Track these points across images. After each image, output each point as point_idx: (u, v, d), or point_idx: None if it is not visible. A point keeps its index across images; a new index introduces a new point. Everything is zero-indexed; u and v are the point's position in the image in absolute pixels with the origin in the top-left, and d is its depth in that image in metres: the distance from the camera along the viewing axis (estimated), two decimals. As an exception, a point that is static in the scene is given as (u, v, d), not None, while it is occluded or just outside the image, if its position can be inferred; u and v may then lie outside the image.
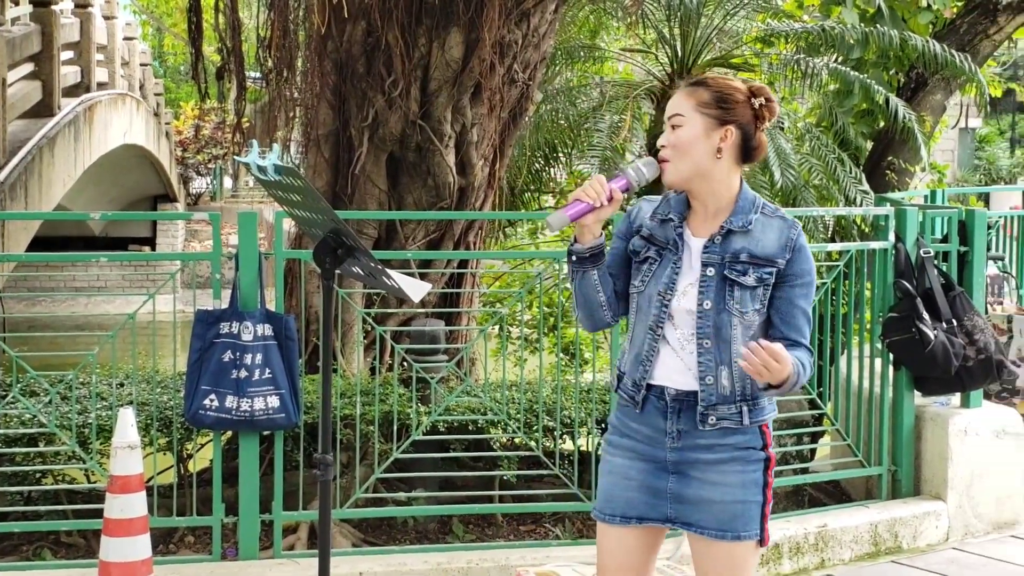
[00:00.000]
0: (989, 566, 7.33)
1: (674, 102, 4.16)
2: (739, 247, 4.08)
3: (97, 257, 7.52)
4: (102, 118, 20.76)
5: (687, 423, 4.10)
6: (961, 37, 12.95)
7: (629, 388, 4.17)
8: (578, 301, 4.14)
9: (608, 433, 4.29)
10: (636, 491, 4.15)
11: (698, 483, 4.10)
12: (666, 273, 4.09)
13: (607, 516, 4.20)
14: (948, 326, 7.66)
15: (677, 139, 4.10)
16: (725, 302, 4.05)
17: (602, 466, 4.27)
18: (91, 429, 6.68)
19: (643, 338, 4.12)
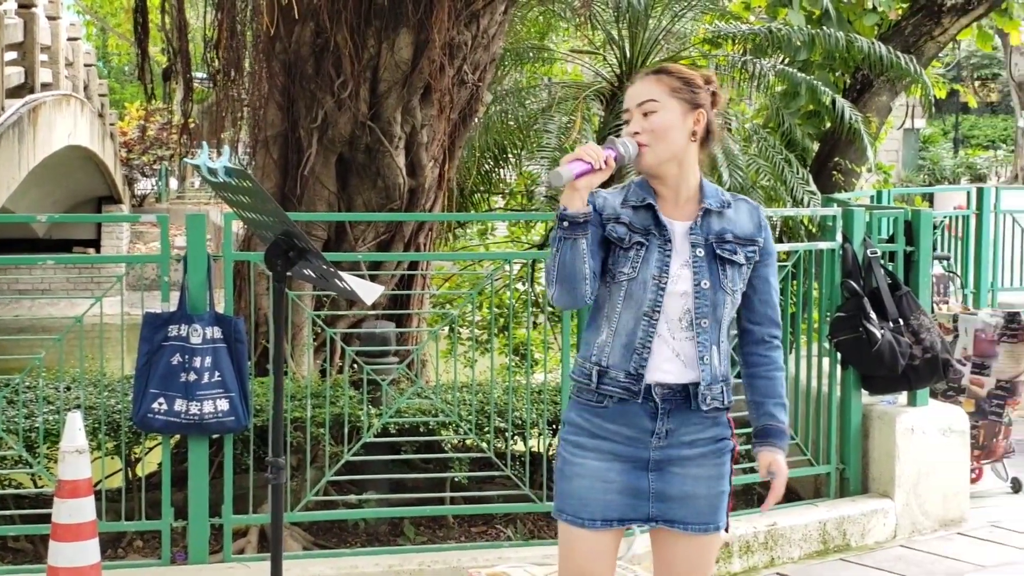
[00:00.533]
0: (936, 563, 7.40)
1: (642, 88, 4.15)
2: (721, 228, 4.14)
3: (44, 260, 7.41)
4: (46, 119, 20.62)
5: (675, 421, 4.09)
6: (906, 39, 13.05)
7: (622, 380, 4.07)
8: (560, 274, 3.96)
9: (571, 434, 4.17)
10: (616, 493, 4.10)
11: (680, 479, 4.11)
12: (656, 258, 4.07)
13: (585, 520, 4.11)
14: (895, 325, 7.72)
15: (654, 124, 4.11)
16: (720, 281, 4.10)
17: (568, 469, 4.15)
18: (38, 433, 6.62)
19: (635, 326, 4.06)
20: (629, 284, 4.06)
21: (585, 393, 4.15)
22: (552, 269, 3.98)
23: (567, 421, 4.22)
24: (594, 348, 4.13)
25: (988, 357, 8.76)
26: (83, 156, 26.57)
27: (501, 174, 13.91)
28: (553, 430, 7.29)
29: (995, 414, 8.75)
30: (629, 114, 4.16)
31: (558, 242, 3.95)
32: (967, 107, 46.70)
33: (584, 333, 4.23)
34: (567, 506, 4.15)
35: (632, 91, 4.19)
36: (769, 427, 4.28)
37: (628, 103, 4.18)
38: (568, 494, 4.15)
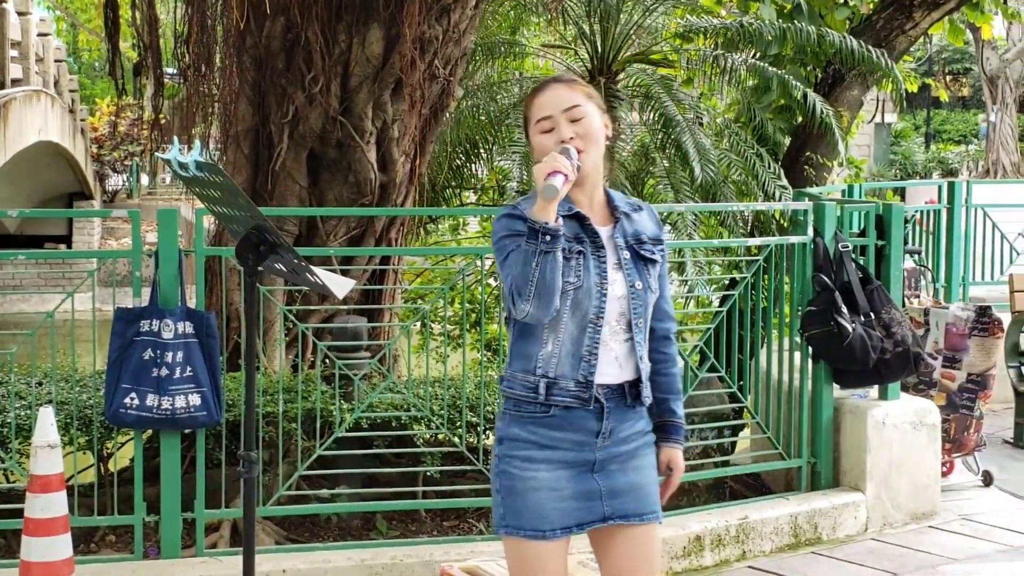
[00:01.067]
0: (907, 556, 7.43)
1: (563, 95, 4.16)
2: (634, 230, 4.23)
3: (16, 255, 7.42)
4: (17, 115, 20.54)
5: (616, 419, 4.14)
6: (877, 33, 13.07)
7: (572, 389, 4.07)
8: (539, 289, 3.92)
9: (517, 449, 4.13)
10: (569, 500, 4.12)
11: (622, 473, 4.16)
12: (594, 264, 4.09)
13: (546, 532, 4.11)
14: (866, 319, 7.75)
15: (587, 128, 4.13)
16: (647, 281, 4.18)
17: (520, 484, 4.11)
18: (10, 429, 6.60)
19: (580, 334, 4.07)
20: (575, 293, 4.06)
21: (528, 406, 4.12)
22: (526, 284, 3.92)
23: (508, 437, 4.17)
24: (538, 360, 4.10)
25: (959, 351, 8.80)
26: (54, 152, 26.49)
27: (473, 169, 13.91)
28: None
29: (966, 407, 8.78)
30: (551, 121, 4.13)
31: (536, 256, 3.90)
32: (939, 102, 47.01)
33: (516, 346, 4.16)
34: (524, 522, 4.12)
35: (548, 98, 4.17)
36: (669, 423, 4.39)
37: (549, 110, 4.14)
38: (522, 509, 4.12)
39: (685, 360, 7.67)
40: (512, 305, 3.98)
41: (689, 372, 7.63)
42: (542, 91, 4.21)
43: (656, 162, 12.44)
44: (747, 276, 7.72)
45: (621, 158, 12.41)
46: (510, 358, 4.19)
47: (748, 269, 7.77)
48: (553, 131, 4.12)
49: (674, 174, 11.69)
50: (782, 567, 7.23)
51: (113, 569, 6.40)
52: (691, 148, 11.34)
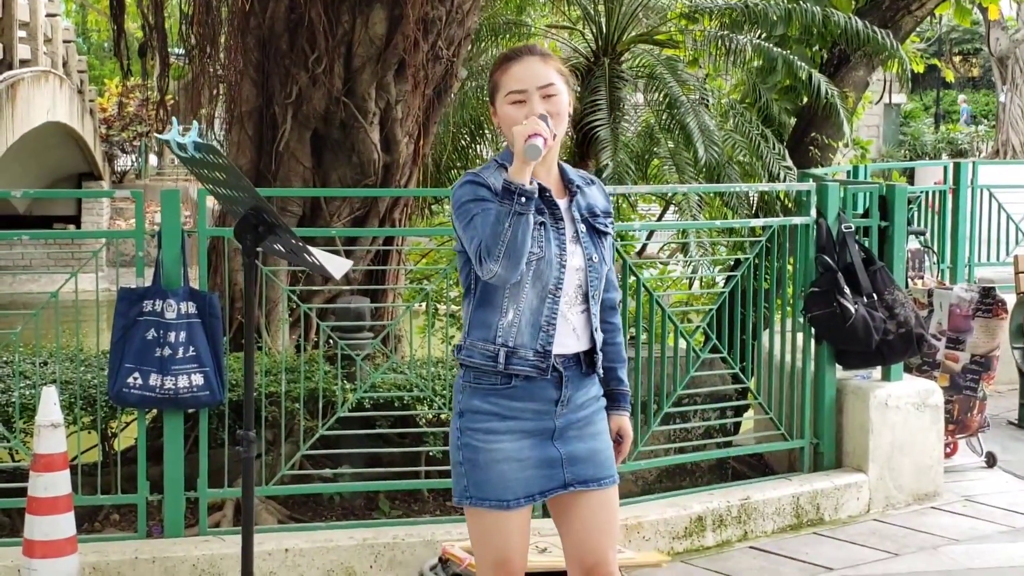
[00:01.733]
0: (909, 536, 7.44)
1: (540, 71, 4.20)
2: (588, 203, 4.31)
3: (19, 235, 7.44)
4: (25, 95, 20.57)
5: (574, 387, 4.23)
6: (883, 13, 13.05)
7: (531, 359, 4.15)
8: (510, 249, 3.96)
9: (479, 422, 4.19)
10: (532, 468, 4.19)
11: (579, 439, 4.25)
12: (554, 236, 4.17)
13: (509, 502, 4.18)
14: (869, 300, 7.75)
15: (558, 106, 4.20)
16: (603, 253, 4.28)
17: (483, 456, 4.18)
18: (14, 408, 6.63)
19: (539, 304, 4.15)
20: (537, 264, 4.13)
21: (488, 376, 4.19)
22: (496, 244, 3.96)
23: (468, 409, 4.23)
24: (498, 330, 4.16)
25: (963, 332, 8.80)
26: (62, 132, 26.53)
27: (477, 150, 13.90)
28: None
29: (970, 389, 8.79)
30: (525, 95, 4.16)
31: (509, 217, 3.94)
32: (948, 82, 46.85)
33: (475, 315, 4.21)
34: (488, 492, 4.19)
35: (524, 71, 4.20)
36: (617, 392, 4.47)
37: (524, 84, 4.17)
38: (486, 481, 4.19)
39: (688, 340, 7.68)
40: (479, 265, 4.02)
41: (692, 353, 7.65)
42: (516, 61, 4.23)
43: (661, 143, 12.43)
44: (750, 257, 7.72)
45: (626, 139, 12.40)
46: (468, 327, 4.24)
47: (752, 250, 7.77)
48: (524, 104, 4.15)
49: (679, 155, 11.69)
50: (784, 547, 7.24)
51: (116, 548, 6.43)
52: (695, 129, 11.33)
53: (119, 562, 6.30)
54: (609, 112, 12.05)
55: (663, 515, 7.09)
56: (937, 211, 12.02)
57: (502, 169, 4.15)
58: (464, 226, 4.11)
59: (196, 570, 6.38)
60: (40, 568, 5.75)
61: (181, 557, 6.38)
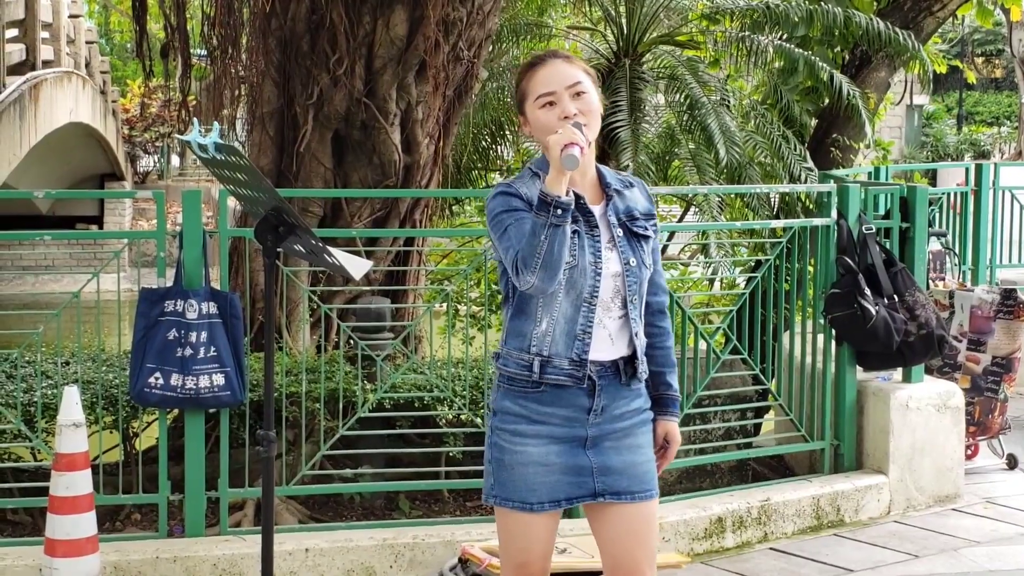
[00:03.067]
0: (930, 539, 7.43)
1: (566, 71, 4.18)
2: (626, 206, 4.25)
3: (41, 235, 7.48)
4: (48, 96, 20.64)
5: (609, 396, 4.18)
6: (905, 14, 13.01)
7: (566, 368, 4.12)
8: (546, 260, 3.92)
9: (507, 423, 4.19)
10: (559, 474, 4.16)
11: (615, 451, 4.20)
12: (588, 243, 4.13)
13: (534, 505, 4.16)
14: (889, 302, 7.74)
15: (590, 105, 4.17)
16: (641, 257, 4.21)
17: (509, 457, 4.17)
18: (37, 408, 6.66)
19: (575, 312, 4.12)
20: (571, 272, 4.10)
21: (520, 382, 4.18)
22: (533, 256, 3.93)
23: (499, 410, 4.23)
24: (532, 339, 4.15)
25: (984, 334, 8.79)
26: (85, 133, 26.61)
27: (498, 151, 13.90)
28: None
29: (991, 390, 8.77)
30: (555, 96, 4.14)
31: (544, 228, 3.91)
32: (971, 83, 46.71)
33: (511, 324, 4.21)
34: (512, 493, 4.18)
35: (551, 73, 4.18)
36: (664, 396, 4.41)
37: (552, 85, 4.15)
38: (511, 481, 4.18)
39: (708, 342, 7.68)
40: (516, 276, 4.01)
41: (712, 354, 7.64)
42: (541, 65, 4.22)
43: (681, 144, 12.41)
44: (771, 258, 7.72)
45: (646, 140, 12.39)
46: (505, 336, 4.23)
47: (772, 251, 7.77)
48: (555, 106, 4.13)
49: (699, 156, 11.67)
50: (804, 549, 7.24)
51: (137, 547, 6.45)
52: (716, 130, 11.31)
53: (140, 561, 6.33)
54: (630, 113, 12.03)
55: (683, 516, 7.10)
56: (959, 212, 11.98)
57: (536, 178, 4.14)
58: (499, 237, 4.10)
59: (217, 570, 6.40)
60: (61, 567, 5.78)
61: (202, 557, 6.40)
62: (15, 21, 19.42)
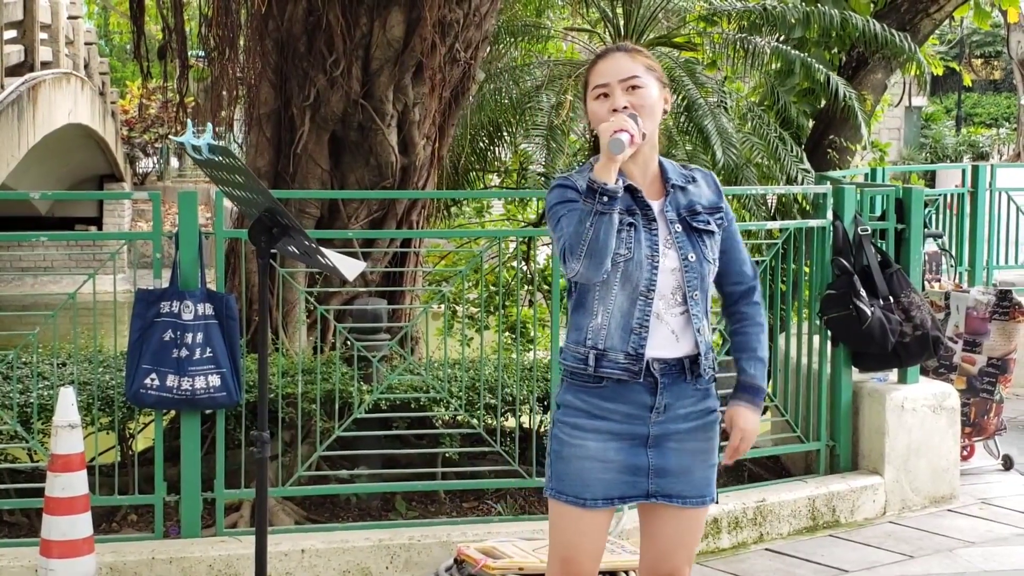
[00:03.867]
0: (925, 539, 7.44)
1: (623, 64, 4.19)
2: (688, 201, 4.23)
3: (38, 236, 7.49)
4: (46, 97, 20.64)
5: (672, 395, 4.16)
6: (902, 16, 13.05)
7: (621, 362, 4.11)
8: (592, 248, 3.93)
9: (568, 416, 4.20)
10: (615, 472, 4.16)
11: (677, 453, 4.18)
12: (645, 237, 4.11)
13: (587, 501, 4.16)
14: (885, 303, 7.75)
15: (644, 99, 4.15)
16: (703, 252, 4.18)
17: (567, 450, 4.18)
18: (33, 409, 6.67)
19: (631, 306, 4.10)
20: (626, 265, 4.08)
21: (580, 376, 4.17)
22: (579, 243, 3.94)
23: (562, 403, 4.24)
24: (588, 332, 4.15)
25: (979, 335, 8.80)
26: (84, 134, 26.61)
27: (496, 152, 13.91)
28: (544, 407, 7.33)
29: (986, 391, 8.78)
30: (608, 88, 4.15)
31: (591, 216, 3.92)
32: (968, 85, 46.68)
33: (571, 318, 4.23)
34: (566, 487, 4.19)
35: (608, 66, 4.20)
36: (739, 381, 4.36)
37: (606, 78, 4.17)
38: (566, 475, 4.19)
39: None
40: (563, 263, 4.03)
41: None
42: (603, 59, 4.25)
43: (679, 145, 12.42)
44: (767, 259, 7.73)
45: (643, 141, 12.40)
46: (567, 331, 4.25)
47: (768, 252, 7.77)
48: (607, 98, 4.14)
49: (696, 157, 11.69)
50: (799, 550, 7.25)
51: (133, 548, 6.46)
52: (713, 131, 11.34)
53: (136, 562, 6.34)
54: (627, 114, 12.04)
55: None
56: (956, 214, 12.00)
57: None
58: (553, 228, 4.13)
59: (213, 570, 6.41)
60: (57, 568, 5.79)
61: (198, 557, 6.42)
62: (14, 22, 19.42)
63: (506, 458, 7.09)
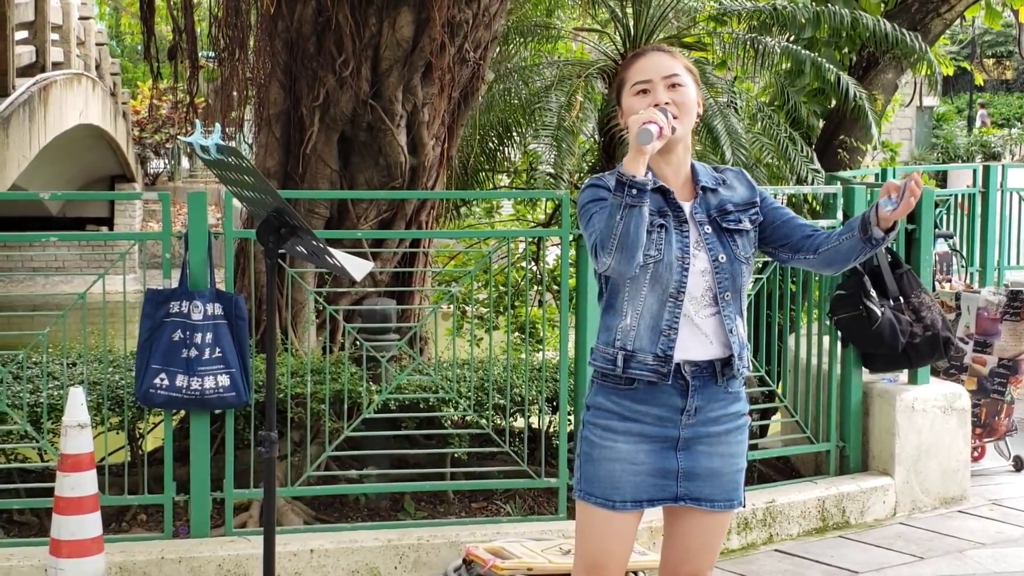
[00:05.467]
0: (935, 540, 7.43)
1: (665, 62, 4.20)
2: (719, 201, 4.22)
3: (47, 236, 7.53)
4: (57, 98, 20.67)
5: (703, 398, 4.15)
6: (912, 16, 13.02)
7: (650, 363, 4.10)
8: (622, 242, 3.91)
9: (599, 418, 4.19)
10: (645, 475, 4.15)
11: (707, 456, 4.18)
12: (676, 239, 4.11)
13: (616, 503, 4.16)
14: (895, 303, 7.74)
15: (684, 97, 4.16)
16: (734, 252, 4.17)
17: (597, 452, 4.18)
18: (43, 409, 6.68)
19: (660, 308, 4.09)
20: (656, 266, 4.08)
21: (611, 378, 4.17)
22: (609, 237, 3.93)
23: (592, 405, 4.23)
24: (617, 333, 4.15)
25: (990, 335, 8.79)
26: (95, 135, 26.63)
27: (505, 152, 13.89)
28: (553, 407, 7.34)
29: (997, 392, 8.78)
30: (649, 84, 4.15)
31: (621, 209, 3.90)
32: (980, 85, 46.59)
33: (602, 319, 4.22)
34: (596, 489, 4.18)
35: (649, 63, 4.20)
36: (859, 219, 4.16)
37: (648, 74, 4.17)
38: (596, 477, 4.18)
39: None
40: (594, 258, 4.02)
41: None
42: (643, 56, 4.25)
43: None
44: (776, 260, 7.71)
45: (653, 141, 12.37)
46: (598, 331, 4.24)
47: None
48: (648, 94, 4.13)
49: (706, 157, 11.64)
50: (809, 551, 7.24)
51: (142, 548, 6.47)
52: (722, 132, 11.31)
53: (145, 562, 6.35)
54: (636, 115, 12.02)
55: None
56: (967, 214, 11.96)
57: None
58: (584, 225, 4.13)
59: (222, 570, 6.42)
60: (67, 568, 5.80)
61: (207, 557, 6.43)
62: (25, 23, 19.45)
63: (515, 458, 7.08)
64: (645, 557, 5.94)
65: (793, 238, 4.29)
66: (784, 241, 4.29)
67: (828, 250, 4.21)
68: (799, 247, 4.28)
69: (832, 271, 4.41)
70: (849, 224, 4.19)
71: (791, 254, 4.30)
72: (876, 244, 4.12)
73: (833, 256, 4.21)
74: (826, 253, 4.22)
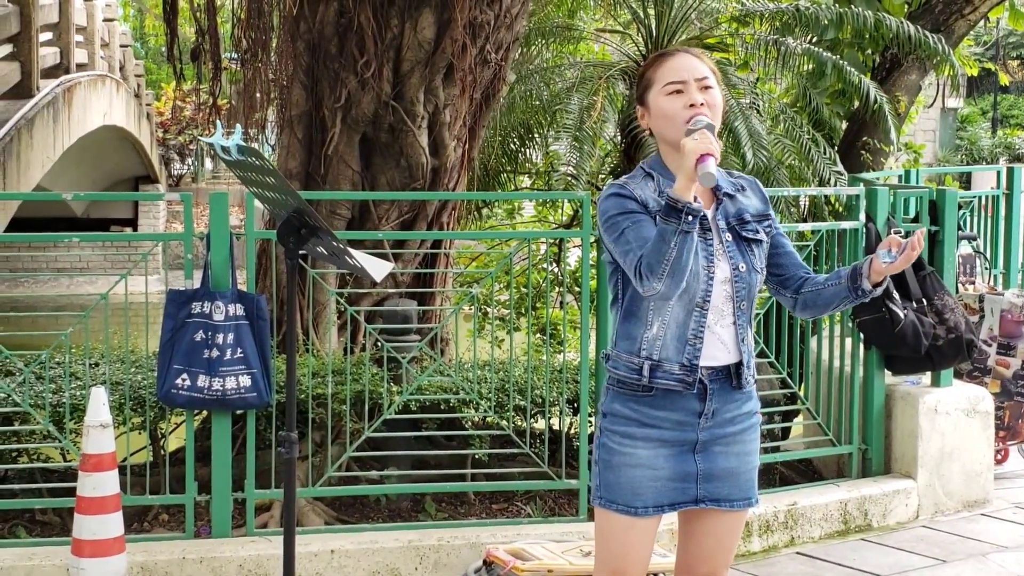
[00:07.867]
0: (958, 543, 7.40)
1: (696, 64, 4.16)
2: (737, 209, 4.19)
3: (70, 237, 7.55)
4: (81, 99, 20.71)
5: (720, 400, 4.15)
6: (936, 17, 12.97)
7: (676, 373, 4.08)
8: (675, 267, 3.88)
9: (618, 424, 4.18)
10: (666, 479, 4.15)
11: (723, 457, 4.18)
12: (701, 247, 4.07)
13: (638, 509, 4.15)
14: (918, 306, 7.72)
15: (716, 99, 4.14)
16: (752, 262, 4.15)
17: (617, 459, 4.17)
18: (65, 408, 6.70)
19: (687, 317, 4.08)
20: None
21: (631, 385, 4.15)
22: (660, 263, 3.88)
23: (609, 412, 4.22)
24: (642, 342, 4.12)
25: (1014, 338, 8.75)
26: (119, 136, 26.70)
27: (527, 154, 13.89)
28: (574, 409, 7.33)
29: (1021, 395, 8.74)
30: (684, 85, 4.11)
31: (674, 235, 3.86)
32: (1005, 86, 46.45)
33: (621, 326, 4.19)
34: (617, 496, 4.17)
35: (683, 63, 4.16)
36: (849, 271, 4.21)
37: (681, 75, 4.12)
38: (617, 484, 4.17)
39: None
40: (639, 282, 3.96)
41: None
42: (672, 57, 4.20)
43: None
44: (799, 261, 7.69)
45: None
46: (615, 338, 4.20)
47: (800, 254, 7.73)
48: (682, 94, 4.09)
49: (727, 159, 11.64)
50: (831, 554, 7.22)
51: (164, 548, 6.48)
52: (744, 133, 11.28)
53: (167, 562, 6.36)
54: (658, 116, 12.01)
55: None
56: (991, 215, 11.91)
57: (648, 178, 4.13)
58: (615, 240, 4.06)
59: (243, 570, 6.43)
60: (88, 567, 5.81)
61: (228, 557, 6.43)
62: (49, 24, 19.48)
63: (536, 460, 7.08)
64: (665, 559, 5.92)
65: (787, 272, 4.31)
66: (777, 272, 4.32)
67: (810, 292, 4.26)
68: (786, 283, 4.32)
69: (805, 315, 4.41)
70: (837, 272, 4.23)
71: (776, 287, 4.35)
72: (861, 296, 4.19)
73: (813, 299, 4.27)
74: (807, 295, 4.27)
